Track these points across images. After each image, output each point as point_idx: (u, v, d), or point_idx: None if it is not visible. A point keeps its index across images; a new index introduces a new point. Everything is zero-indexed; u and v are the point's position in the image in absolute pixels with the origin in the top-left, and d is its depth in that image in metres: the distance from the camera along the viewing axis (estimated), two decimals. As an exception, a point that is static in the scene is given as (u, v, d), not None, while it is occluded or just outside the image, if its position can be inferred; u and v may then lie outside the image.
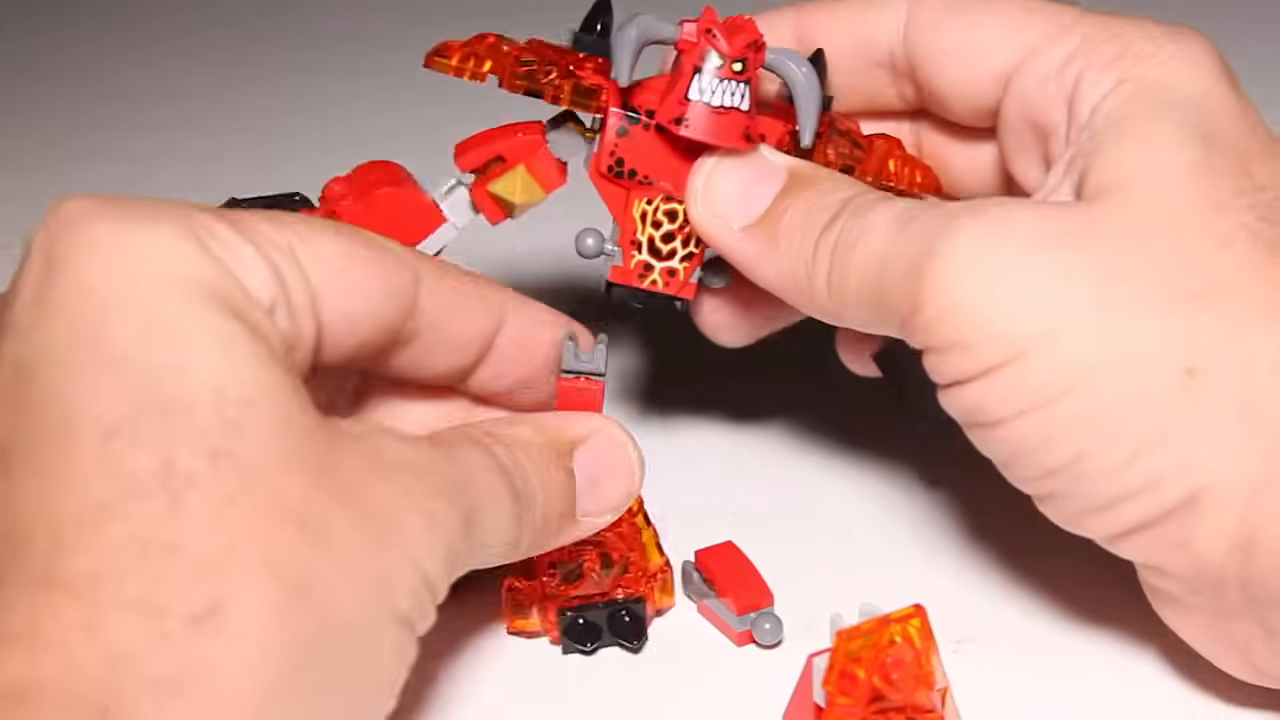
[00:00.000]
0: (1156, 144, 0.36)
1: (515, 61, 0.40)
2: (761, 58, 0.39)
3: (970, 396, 0.35)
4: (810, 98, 0.39)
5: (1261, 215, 0.35)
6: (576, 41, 0.41)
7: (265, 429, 0.30)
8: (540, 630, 0.42)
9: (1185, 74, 0.37)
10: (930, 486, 0.47)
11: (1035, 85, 0.39)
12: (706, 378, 0.46)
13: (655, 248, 0.41)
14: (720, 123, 0.39)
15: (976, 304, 0.34)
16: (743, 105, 0.39)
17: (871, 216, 0.37)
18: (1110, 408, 0.34)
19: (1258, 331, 0.34)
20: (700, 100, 0.38)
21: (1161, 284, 0.34)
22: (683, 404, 0.52)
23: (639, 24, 0.38)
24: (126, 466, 0.28)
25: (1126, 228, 0.35)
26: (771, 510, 0.47)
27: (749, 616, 0.41)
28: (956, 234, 0.35)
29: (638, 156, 0.40)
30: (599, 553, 0.41)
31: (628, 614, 0.41)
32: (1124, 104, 0.37)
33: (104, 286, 0.29)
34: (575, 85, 0.40)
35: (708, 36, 0.38)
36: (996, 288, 0.34)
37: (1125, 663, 0.40)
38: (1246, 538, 0.34)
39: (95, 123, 0.85)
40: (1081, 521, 0.36)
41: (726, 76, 0.38)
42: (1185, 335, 0.34)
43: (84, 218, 0.30)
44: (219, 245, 0.31)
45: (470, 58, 0.40)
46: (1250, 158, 0.36)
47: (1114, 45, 0.38)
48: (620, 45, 0.38)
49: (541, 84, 0.40)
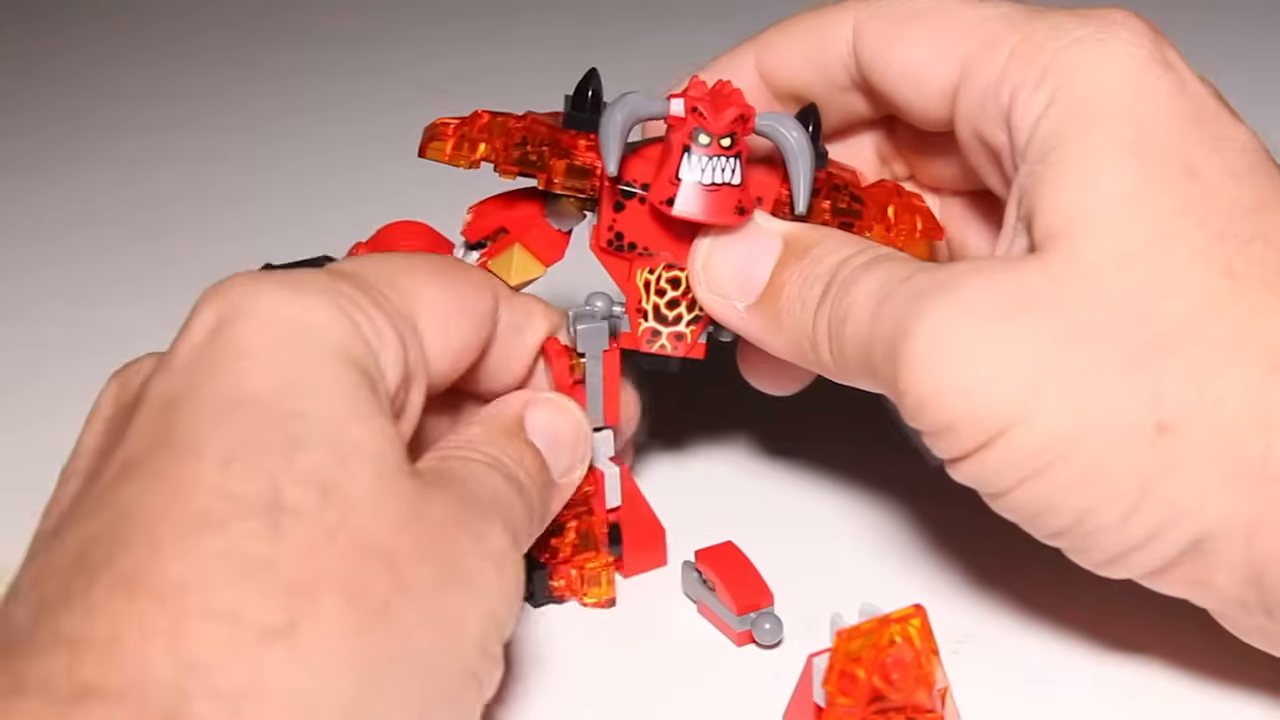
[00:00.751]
0: (1092, 178, 0.35)
1: (508, 145, 0.40)
2: (750, 128, 0.39)
3: (968, 472, 0.36)
4: (802, 163, 0.39)
5: (1213, 231, 0.34)
6: (568, 120, 0.40)
7: (369, 473, 0.32)
8: None
9: (1112, 78, 0.36)
10: (930, 487, 0.47)
11: (976, 103, 0.39)
12: (706, 378, 0.46)
13: (661, 314, 0.41)
14: (711, 200, 0.39)
15: (951, 390, 0.35)
16: (733, 180, 0.39)
17: (855, 292, 0.37)
18: (1095, 472, 0.34)
19: (1223, 374, 0.33)
20: (691, 179, 0.39)
21: (1121, 339, 0.34)
22: (681, 404, 0.52)
23: (625, 106, 0.38)
24: (235, 489, 0.30)
25: (1078, 282, 0.34)
26: (772, 510, 0.47)
27: (749, 616, 0.41)
28: (921, 321, 0.35)
29: (636, 230, 0.41)
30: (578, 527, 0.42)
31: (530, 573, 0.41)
32: (1056, 131, 0.36)
33: (257, 349, 0.32)
34: (569, 166, 0.40)
35: (694, 116, 0.38)
36: (967, 371, 0.34)
37: (1125, 664, 0.40)
38: (1255, 575, 0.34)
39: (94, 124, 0.85)
40: (1107, 569, 0.36)
41: (715, 153, 0.38)
42: (1151, 391, 0.33)
43: (252, 290, 0.33)
44: (360, 316, 0.34)
45: (463, 143, 0.40)
46: (1194, 156, 0.35)
47: (1040, 57, 0.37)
48: (608, 133, 0.38)
49: (535, 168, 0.40)
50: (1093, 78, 0.36)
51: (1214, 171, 0.35)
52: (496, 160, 0.40)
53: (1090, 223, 0.35)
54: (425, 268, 0.37)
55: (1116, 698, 0.39)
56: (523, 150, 0.40)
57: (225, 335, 0.32)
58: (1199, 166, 0.35)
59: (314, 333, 0.33)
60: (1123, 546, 0.35)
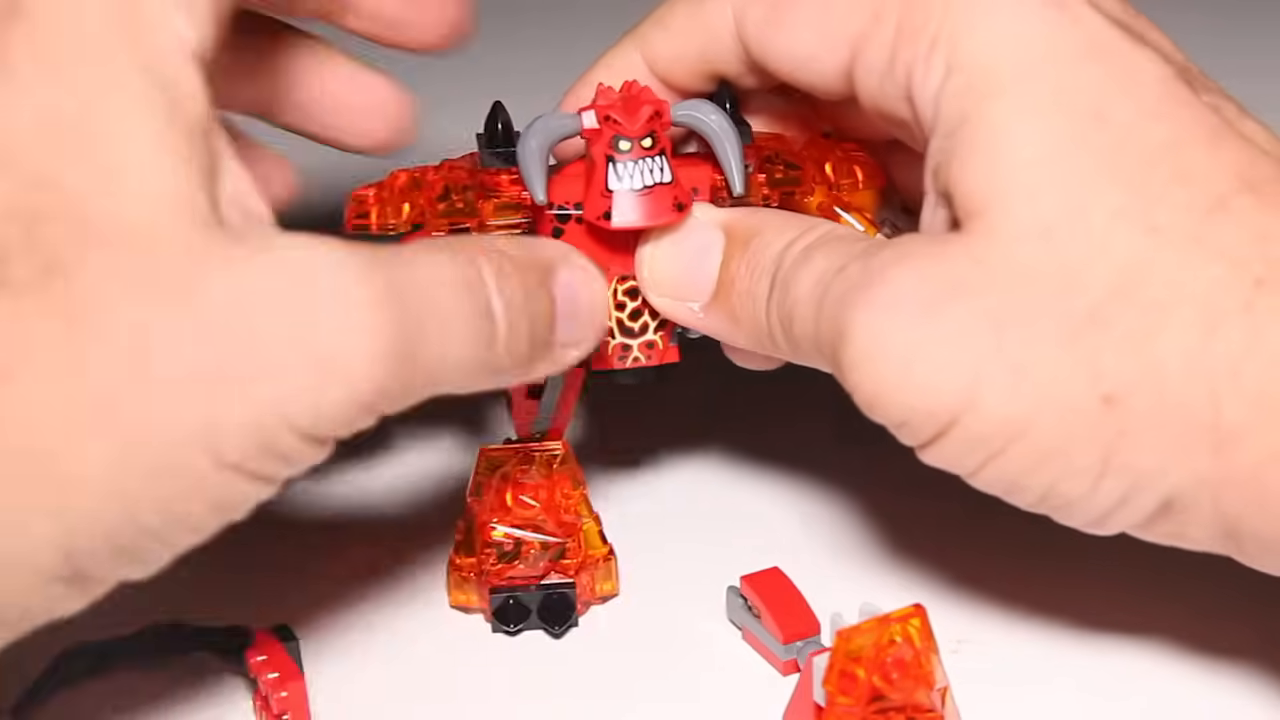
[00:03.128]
0: (1000, 149, 0.34)
1: (431, 200, 0.39)
2: (667, 122, 0.39)
3: (933, 458, 0.35)
4: (729, 144, 0.39)
5: (1130, 183, 0.33)
6: (485, 158, 0.40)
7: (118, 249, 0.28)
8: (480, 607, 0.42)
9: (1002, 35, 0.34)
10: (929, 487, 0.47)
11: (874, 85, 0.37)
12: (705, 378, 0.46)
13: (627, 328, 0.41)
14: (648, 204, 0.38)
15: (894, 388, 0.34)
16: (664, 178, 0.38)
17: (796, 291, 0.37)
18: (1052, 449, 0.34)
19: (1158, 340, 0.32)
20: (622, 188, 0.38)
21: (1053, 315, 0.33)
22: (683, 403, 0.52)
23: (538, 132, 0.38)
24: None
25: (1002, 261, 0.34)
26: (771, 512, 0.47)
27: (795, 645, 0.40)
28: (854, 323, 0.34)
29: (582, 251, 0.39)
30: (538, 538, 0.41)
31: (558, 599, 0.41)
32: (957, 104, 0.35)
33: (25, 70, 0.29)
34: (496, 206, 0.40)
35: (609, 124, 0.38)
36: (907, 369, 0.34)
37: (1125, 662, 0.40)
38: (1228, 529, 0.34)
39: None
40: (1096, 529, 0.36)
41: (639, 156, 0.38)
42: (1090, 365, 0.33)
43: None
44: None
45: (386, 209, 0.40)
46: (1101, 99, 0.34)
47: (928, 27, 0.35)
48: (527, 163, 0.38)
49: (464, 215, 0.39)
50: (982, 40, 0.34)
51: (1124, 111, 0.34)
52: (424, 218, 0.39)
53: (1004, 197, 0.34)
54: None
55: (1117, 695, 0.39)
56: (448, 201, 0.39)
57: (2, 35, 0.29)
58: (1107, 109, 0.34)
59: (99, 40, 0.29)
60: (1098, 513, 0.35)
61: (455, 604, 0.43)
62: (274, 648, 0.39)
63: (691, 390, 0.51)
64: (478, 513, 0.42)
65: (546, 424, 0.43)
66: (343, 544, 0.45)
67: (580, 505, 0.42)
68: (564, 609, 0.42)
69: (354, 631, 0.42)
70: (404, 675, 0.41)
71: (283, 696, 0.38)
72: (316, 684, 0.40)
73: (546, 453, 0.42)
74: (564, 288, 0.36)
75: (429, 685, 0.41)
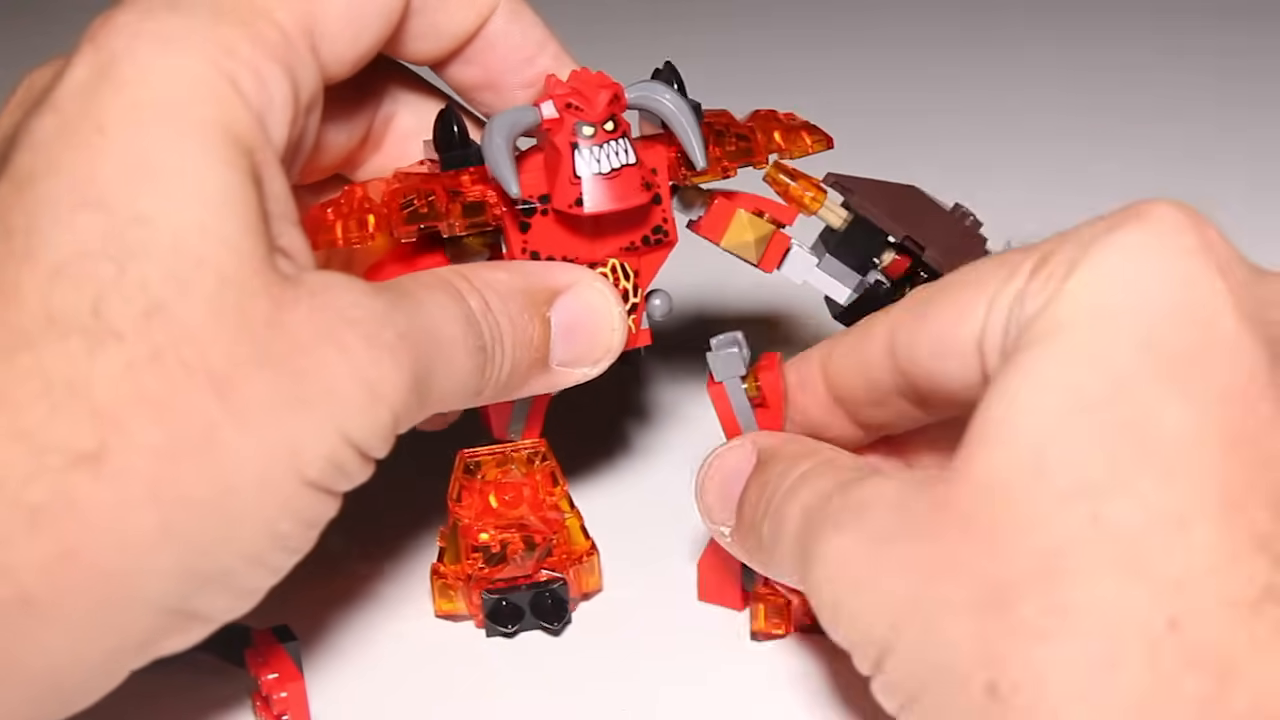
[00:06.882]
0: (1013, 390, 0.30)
1: (395, 207, 0.39)
2: (624, 104, 0.38)
3: (875, 693, 0.33)
4: (686, 121, 0.39)
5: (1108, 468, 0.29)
6: (446, 162, 0.39)
7: (208, 288, 0.31)
8: (467, 613, 0.42)
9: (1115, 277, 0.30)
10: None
11: None
12: (680, 368, 0.46)
13: None
14: (616, 186, 0.38)
15: (845, 615, 0.33)
16: (630, 159, 0.38)
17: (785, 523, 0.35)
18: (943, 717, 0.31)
19: (1052, 640, 0.29)
20: (590, 173, 0.38)
21: (974, 580, 0.30)
22: (677, 403, 0.52)
23: (499, 128, 0.38)
24: (57, 304, 0.30)
25: (957, 507, 0.31)
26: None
27: None
28: (821, 545, 0.33)
29: (549, 243, 0.40)
30: (522, 536, 0.41)
31: (550, 596, 0.41)
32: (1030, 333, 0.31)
33: (118, 124, 0.31)
34: (464, 205, 0.39)
35: (570, 111, 0.38)
36: (856, 597, 0.32)
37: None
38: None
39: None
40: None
41: (603, 140, 0.38)
42: (983, 645, 0.29)
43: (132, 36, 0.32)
44: (243, 70, 0.32)
45: (351, 223, 0.39)
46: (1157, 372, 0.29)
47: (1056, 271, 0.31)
48: (496, 157, 0.37)
49: (431, 219, 0.39)
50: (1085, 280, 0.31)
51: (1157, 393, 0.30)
52: (390, 226, 0.39)
53: (986, 442, 0.31)
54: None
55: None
56: (411, 207, 0.39)
57: (94, 98, 0.31)
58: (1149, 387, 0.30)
59: (185, 104, 0.32)
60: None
61: (441, 613, 0.43)
62: (274, 648, 0.39)
63: (666, 381, 0.51)
64: (461, 517, 0.42)
65: (522, 424, 0.42)
66: (342, 545, 0.45)
67: (561, 501, 0.42)
68: (557, 605, 0.42)
69: (354, 632, 0.43)
70: (403, 675, 0.41)
71: (282, 697, 0.38)
72: (316, 684, 0.40)
73: (525, 452, 0.42)
74: (562, 312, 0.38)
75: (428, 685, 0.41)
